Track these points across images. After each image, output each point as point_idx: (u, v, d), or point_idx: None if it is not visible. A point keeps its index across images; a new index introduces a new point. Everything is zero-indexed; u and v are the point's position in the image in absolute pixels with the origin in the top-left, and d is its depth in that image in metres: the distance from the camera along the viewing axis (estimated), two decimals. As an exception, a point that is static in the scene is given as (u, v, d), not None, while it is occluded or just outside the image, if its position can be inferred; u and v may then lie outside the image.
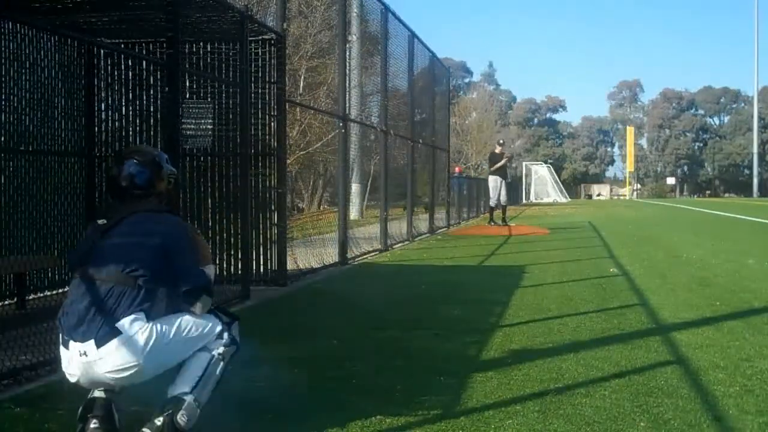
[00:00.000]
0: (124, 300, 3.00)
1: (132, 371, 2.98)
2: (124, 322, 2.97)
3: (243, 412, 3.45)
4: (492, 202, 18.41)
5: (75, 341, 2.99)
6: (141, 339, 2.97)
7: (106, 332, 2.96)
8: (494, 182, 18.01)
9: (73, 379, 3.07)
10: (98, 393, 3.07)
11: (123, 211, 3.19)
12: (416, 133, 16.02)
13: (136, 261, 3.04)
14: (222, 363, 3.15)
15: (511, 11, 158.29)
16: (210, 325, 3.18)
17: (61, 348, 3.08)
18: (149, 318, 3.02)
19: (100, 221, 3.21)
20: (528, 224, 18.69)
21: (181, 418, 2.99)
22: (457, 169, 17.69)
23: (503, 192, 17.99)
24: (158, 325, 3.03)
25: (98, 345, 2.95)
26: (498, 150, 18.53)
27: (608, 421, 3.50)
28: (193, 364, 3.10)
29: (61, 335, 3.08)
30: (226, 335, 3.19)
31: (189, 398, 3.03)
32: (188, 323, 3.11)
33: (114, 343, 2.95)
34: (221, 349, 3.15)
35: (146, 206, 3.21)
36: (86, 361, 2.97)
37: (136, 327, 2.98)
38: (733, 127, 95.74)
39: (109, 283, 3.02)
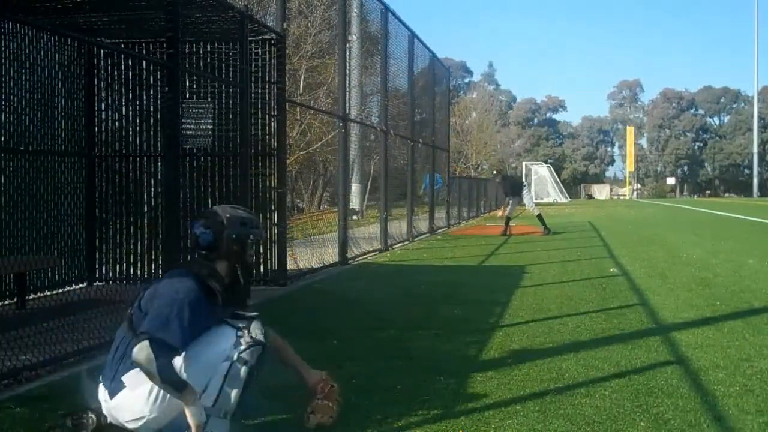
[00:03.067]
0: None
1: (143, 421, 3.04)
2: (129, 376, 3.02)
3: (243, 412, 3.44)
4: (530, 206, 18.19)
5: (102, 385, 3.13)
6: (144, 394, 2.99)
7: (115, 384, 3.06)
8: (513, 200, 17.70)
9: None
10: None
11: (178, 266, 3.34)
12: (416, 133, 16.02)
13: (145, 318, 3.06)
14: (244, 367, 3.09)
15: (511, 11, 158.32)
16: (219, 344, 3.11)
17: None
18: None
19: None
20: (528, 224, 18.67)
21: None
22: None
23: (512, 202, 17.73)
24: None
25: (110, 395, 3.07)
26: (509, 172, 18.58)
27: (608, 420, 3.50)
28: (212, 381, 3.08)
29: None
30: (244, 339, 3.13)
31: (212, 411, 3.05)
32: (195, 353, 3.05)
33: (120, 396, 3.04)
34: (237, 356, 3.09)
35: (195, 265, 3.24)
36: (106, 407, 3.10)
37: (140, 379, 2.98)
38: (733, 127, 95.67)
39: (128, 336, 3.08)
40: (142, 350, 2.89)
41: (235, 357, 3.09)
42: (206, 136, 8.09)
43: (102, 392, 3.12)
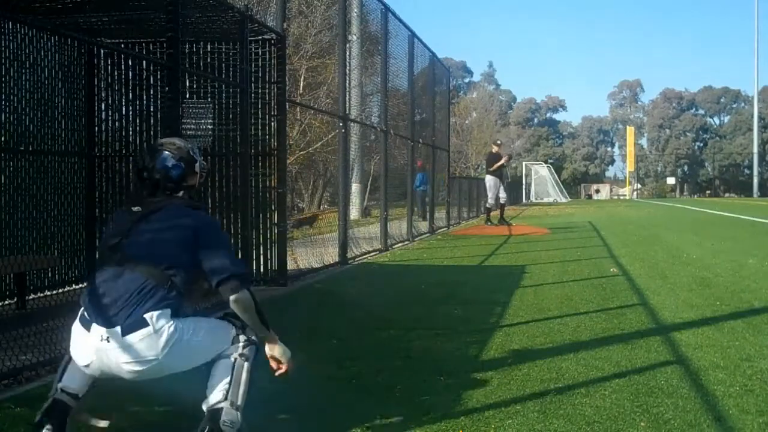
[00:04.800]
0: (155, 294, 2.97)
1: (149, 365, 2.95)
2: (152, 315, 2.94)
3: (242, 412, 3.44)
4: (489, 202, 18.39)
5: (99, 325, 2.94)
6: (165, 335, 2.95)
7: (133, 321, 2.92)
8: (491, 182, 17.96)
9: (82, 362, 2.99)
10: (60, 396, 3.04)
11: (159, 202, 3.15)
12: (416, 133, 16.02)
13: (172, 258, 3.02)
14: (246, 363, 3.12)
15: (512, 11, 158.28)
16: (224, 329, 3.16)
17: (79, 328, 2.99)
18: (174, 315, 3.00)
19: (134, 208, 3.16)
20: (528, 224, 18.67)
21: (223, 426, 3.00)
22: (418, 163, 16.74)
23: (502, 192, 17.96)
24: (182, 324, 3.01)
25: (124, 333, 2.91)
26: (495, 150, 18.46)
27: (608, 420, 3.50)
28: (218, 373, 3.08)
29: (83, 314, 3.00)
30: (242, 337, 3.17)
31: (225, 404, 3.03)
32: (206, 325, 3.10)
33: (140, 333, 2.91)
34: (241, 350, 3.12)
35: (180, 200, 3.18)
36: (107, 348, 2.92)
37: (163, 322, 2.95)
38: (734, 127, 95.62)
39: (143, 276, 2.98)
40: (240, 299, 3.04)
41: (239, 353, 3.12)
42: (206, 136, 8.09)
43: (98, 332, 2.93)
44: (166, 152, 3.21)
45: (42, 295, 7.08)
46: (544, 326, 5.79)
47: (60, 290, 7.23)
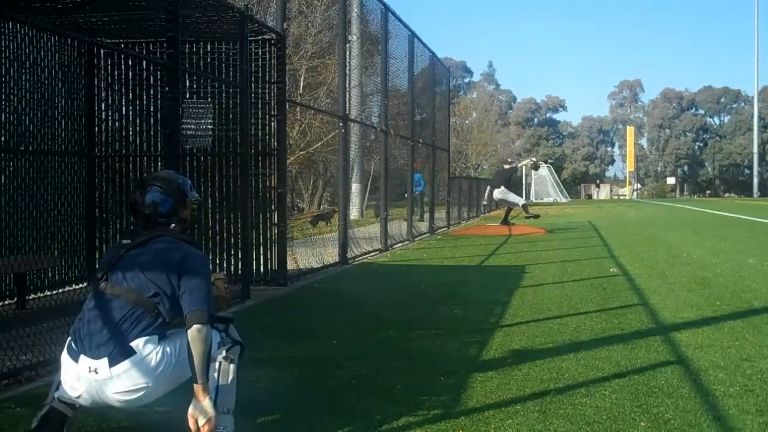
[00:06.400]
0: (141, 322, 3.00)
1: (141, 393, 2.98)
2: (138, 343, 2.97)
3: (243, 413, 3.44)
4: (520, 202, 18.31)
5: (87, 356, 2.97)
6: (153, 361, 2.98)
7: (120, 351, 2.95)
8: (504, 191, 17.84)
9: (73, 394, 3.01)
10: (56, 404, 3.05)
11: (147, 234, 3.20)
12: (416, 133, 16.02)
13: (157, 286, 3.05)
14: (232, 365, 3.14)
15: (511, 11, 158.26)
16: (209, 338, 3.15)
17: (67, 360, 3.03)
18: (160, 341, 3.02)
19: (124, 241, 3.23)
20: (528, 224, 18.65)
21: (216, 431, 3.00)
22: (416, 164, 16.67)
23: (503, 194, 17.91)
24: (167, 347, 3.03)
25: (111, 364, 2.94)
26: (507, 167, 18.89)
27: (608, 420, 3.50)
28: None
29: (71, 345, 3.04)
30: (226, 340, 3.19)
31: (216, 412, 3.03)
32: (179, 353, 3.08)
33: (127, 363, 2.95)
34: (224, 354, 3.14)
35: (170, 232, 3.22)
36: (95, 379, 2.95)
37: (150, 348, 2.98)
38: (734, 127, 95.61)
39: (129, 304, 3.02)
40: (203, 330, 2.96)
41: (223, 355, 3.14)
42: (206, 136, 8.09)
43: (86, 363, 2.95)
44: (155, 187, 3.25)
45: (42, 295, 7.08)
46: (544, 326, 5.79)
47: (60, 290, 7.23)
